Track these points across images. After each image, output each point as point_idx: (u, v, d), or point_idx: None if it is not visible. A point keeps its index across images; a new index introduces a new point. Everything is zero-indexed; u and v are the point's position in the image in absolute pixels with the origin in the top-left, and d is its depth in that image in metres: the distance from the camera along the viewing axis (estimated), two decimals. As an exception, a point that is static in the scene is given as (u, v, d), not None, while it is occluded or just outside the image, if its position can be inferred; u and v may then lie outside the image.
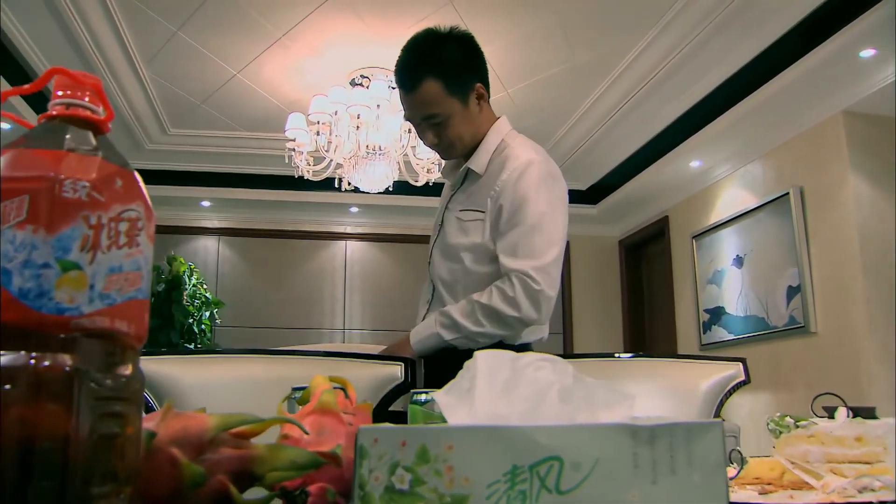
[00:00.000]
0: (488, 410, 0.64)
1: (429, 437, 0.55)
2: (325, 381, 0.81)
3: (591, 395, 0.67)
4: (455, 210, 1.84)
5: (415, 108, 1.75)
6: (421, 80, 1.71)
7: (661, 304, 6.05)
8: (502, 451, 0.54)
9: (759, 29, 3.85)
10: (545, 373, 0.66)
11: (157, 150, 5.64)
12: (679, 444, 0.54)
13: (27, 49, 4.00)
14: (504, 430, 0.55)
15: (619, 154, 5.64)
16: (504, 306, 1.67)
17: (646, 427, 0.54)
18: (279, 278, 6.53)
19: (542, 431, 0.55)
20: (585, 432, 0.55)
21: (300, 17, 4.01)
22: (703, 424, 0.55)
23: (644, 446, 0.54)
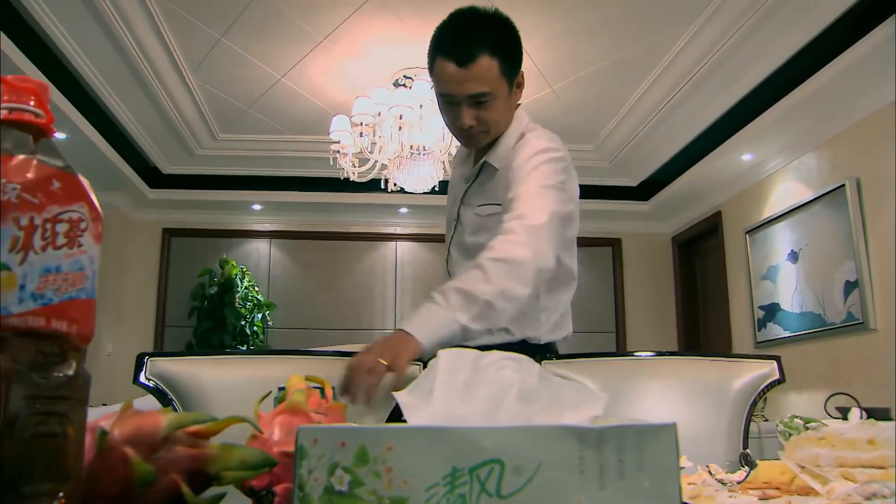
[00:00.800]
0: (446, 411, 0.62)
1: (368, 437, 0.54)
2: (300, 381, 0.80)
3: (557, 395, 0.65)
4: (472, 205, 1.78)
5: (465, 85, 1.61)
6: (478, 55, 1.59)
7: (715, 301, 5.89)
8: (442, 453, 0.52)
9: (807, 16, 3.72)
10: (507, 372, 0.64)
11: (208, 155, 5.76)
12: (629, 448, 0.51)
13: (80, 62, 4.12)
14: (444, 431, 0.54)
15: (668, 149, 5.52)
16: (515, 250, 1.44)
17: (593, 429, 0.52)
18: (330, 280, 6.60)
19: (482, 433, 0.53)
20: (528, 434, 0.52)
21: (340, 19, 4.03)
22: (655, 427, 0.52)
23: (591, 450, 0.52)
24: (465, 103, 1.65)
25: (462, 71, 1.61)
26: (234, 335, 5.84)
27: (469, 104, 1.65)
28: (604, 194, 6.32)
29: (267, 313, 6.22)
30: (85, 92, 4.39)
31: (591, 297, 6.67)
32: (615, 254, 6.77)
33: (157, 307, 6.31)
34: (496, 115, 1.68)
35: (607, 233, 6.73)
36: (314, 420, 0.74)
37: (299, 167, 5.95)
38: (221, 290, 5.91)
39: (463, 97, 1.64)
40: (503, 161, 1.74)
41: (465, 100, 1.64)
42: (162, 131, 5.25)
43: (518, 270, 1.44)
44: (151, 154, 5.58)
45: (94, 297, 0.58)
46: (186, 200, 6.18)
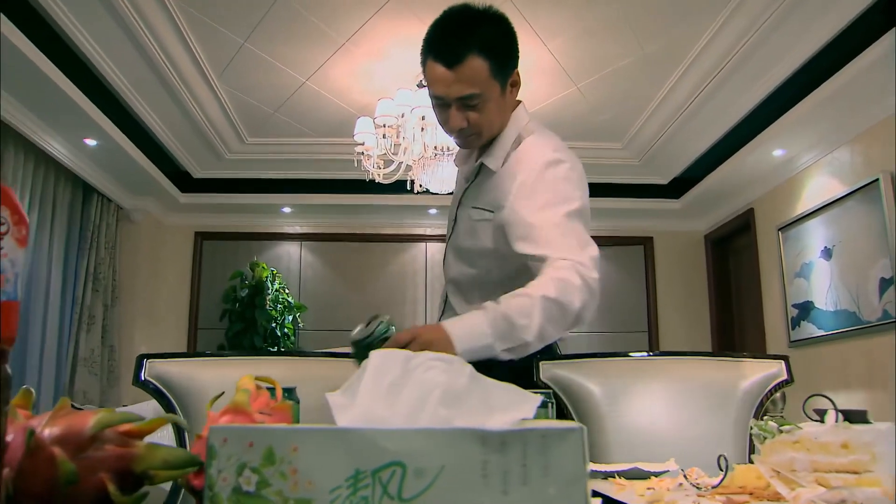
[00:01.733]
0: (368, 412, 0.61)
1: (275, 438, 0.53)
2: (249, 381, 0.80)
3: (488, 396, 0.63)
4: (468, 206, 1.74)
5: (453, 86, 1.57)
6: (466, 56, 1.55)
7: (749, 300, 5.77)
8: (346, 455, 0.51)
9: (836, 5, 3.61)
10: (433, 373, 0.62)
11: (237, 159, 5.83)
12: (533, 453, 0.50)
13: (108, 70, 4.19)
14: (348, 432, 0.53)
15: (698, 145, 5.42)
16: (570, 297, 1.41)
17: (495, 433, 0.50)
18: (361, 281, 6.62)
19: (385, 435, 0.51)
20: (430, 437, 0.51)
21: (360, 22, 4.05)
22: (561, 431, 0.50)
23: (494, 454, 0.50)
24: (454, 105, 1.60)
25: (450, 72, 1.57)
26: (264, 337, 5.90)
27: (458, 106, 1.60)
28: (634, 192, 6.24)
29: (298, 315, 6.27)
30: (114, 99, 4.48)
31: (623, 297, 6.60)
32: (647, 252, 6.67)
33: (190, 310, 6.40)
34: (487, 117, 1.63)
35: (639, 231, 6.64)
36: (257, 420, 0.74)
37: (328, 169, 5.99)
38: (252, 292, 5.97)
39: (452, 99, 1.59)
40: (499, 162, 1.70)
41: (455, 102, 1.59)
42: (191, 136, 5.33)
43: (565, 319, 1.42)
44: (182, 159, 5.67)
45: (16, 298, 0.58)
46: (217, 204, 6.26)
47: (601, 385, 1.58)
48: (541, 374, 1.56)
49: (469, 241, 1.70)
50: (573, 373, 1.58)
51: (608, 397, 1.56)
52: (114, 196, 5.59)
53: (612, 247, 6.71)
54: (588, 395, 1.56)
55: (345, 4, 3.88)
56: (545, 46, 4.29)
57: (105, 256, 5.50)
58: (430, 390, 0.61)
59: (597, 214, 6.43)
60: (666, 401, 1.59)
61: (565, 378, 1.57)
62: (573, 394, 1.56)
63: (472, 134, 1.66)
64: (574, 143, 5.63)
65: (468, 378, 0.62)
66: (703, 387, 1.61)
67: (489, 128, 1.66)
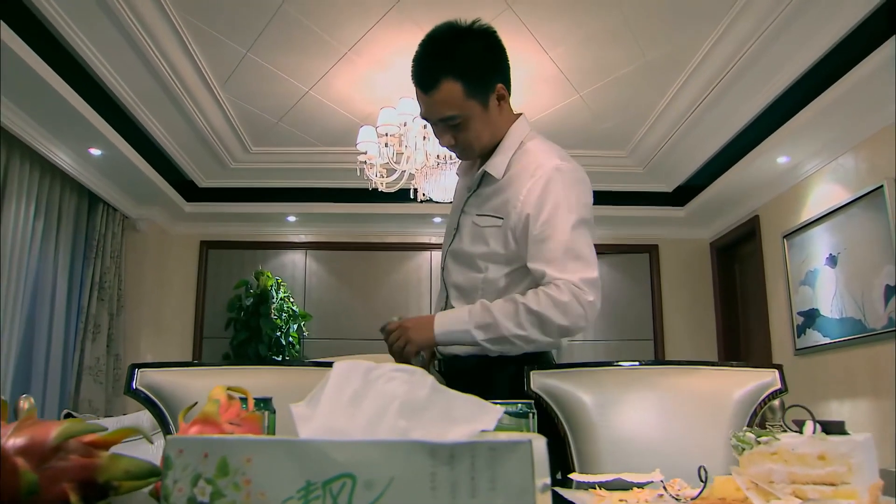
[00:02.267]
0: (327, 423, 0.61)
1: (229, 449, 0.53)
2: (221, 392, 0.80)
3: (448, 408, 0.63)
4: (471, 214, 1.77)
5: (432, 109, 1.66)
6: (439, 81, 1.62)
7: (755, 308, 5.74)
8: (297, 467, 0.52)
9: (838, 11, 3.59)
10: (394, 385, 0.62)
11: (241, 168, 5.86)
12: (482, 466, 0.49)
13: (112, 81, 4.22)
14: (300, 444, 0.53)
15: (702, 153, 5.41)
16: (554, 312, 1.55)
17: (444, 445, 0.50)
18: (366, 290, 6.63)
19: (335, 447, 0.51)
20: (380, 449, 0.51)
21: (361, 31, 4.07)
22: (509, 444, 0.50)
23: (443, 466, 0.50)
24: (439, 125, 1.68)
25: (426, 96, 1.66)
26: (269, 346, 5.91)
27: (443, 126, 1.68)
28: (639, 200, 6.23)
29: (303, 324, 6.28)
30: (119, 110, 4.50)
31: (629, 305, 6.58)
32: (652, 260, 6.65)
33: (196, 319, 6.42)
34: (473, 134, 1.68)
35: (644, 239, 6.63)
36: (225, 430, 0.74)
37: (333, 178, 6.00)
38: (257, 301, 5.98)
39: (433, 120, 1.69)
40: (501, 169, 1.73)
41: (437, 123, 1.68)
42: (196, 146, 5.36)
43: (547, 329, 1.57)
44: (187, 168, 5.69)
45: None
46: (223, 213, 6.28)
47: (593, 395, 1.57)
48: (531, 383, 1.56)
49: (476, 246, 1.73)
50: (564, 382, 1.57)
51: (599, 407, 1.55)
52: (119, 205, 5.62)
53: (618, 255, 6.69)
54: (579, 405, 1.55)
55: (346, 14, 3.90)
56: (547, 55, 4.29)
57: (111, 265, 5.53)
58: (389, 402, 0.61)
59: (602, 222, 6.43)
60: (658, 411, 1.58)
61: (556, 388, 1.56)
62: (564, 403, 1.55)
63: (463, 149, 1.74)
64: (578, 151, 5.69)
65: (429, 390, 0.62)
66: (695, 396, 1.60)
67: (478, 142, 1.72)
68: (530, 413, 1.02)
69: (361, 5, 3.83)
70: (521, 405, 1.02)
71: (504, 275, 1.70)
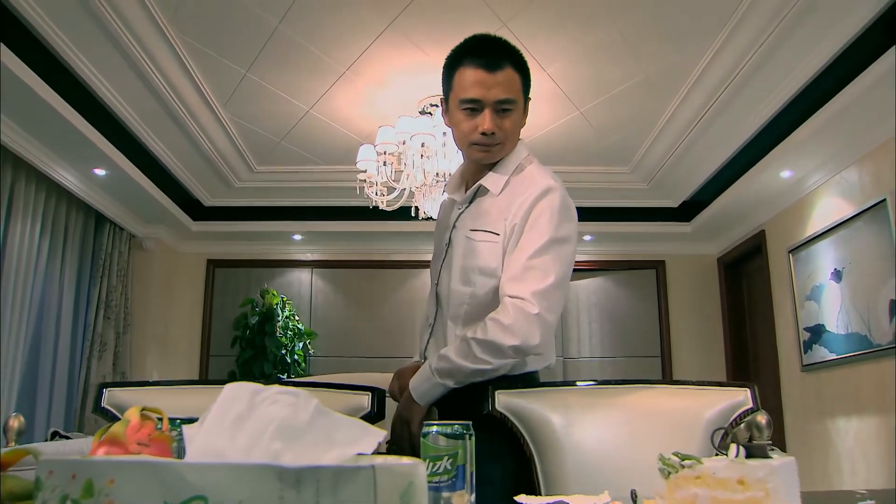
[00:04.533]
0: (208, 444, 0.61)
1: (95, 471, 0.53)
2: (135, 412, 0.80)
3: (330, 431, 0.62)
4: (464, 229, 1.78)
5: (493, 89, 1.66)
6: (506, 65, 1.69)
7: (763, 323, 5.68)
8: (156, 488, 0.51)
9: (839, 22, 3.55)
10: (276, 407, 0.62)
11: (246, 187, 5.90)
12: (326, 490, 0.49)
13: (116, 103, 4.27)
14: (158, 465, 0.53)
15: (706, 168, 5.38)
16: (501, 336, 1.58)
17: (291, 469, 0.49)
18: (372, 308, 6.63)
19: (190, 469, 0.51)
20: (230, 472, 0.50)
21: (359, 51, 4.09)
22: (352, 469, 0.49)
23: (290, 489, 0.49)
24: (489, 108, 1.68)
25: (491, 76, 1.67)
26: (274, 364, 5.92)
27: (493, 110, 1.69)
28: (645, 216, 6.20)
29: (308, 342, 6.29)
30: (123, 130, 4.56)
31: (636, 322, 6.53)
32: (659, 276, 6.60)
33: (202, 337, 6.45)
34: (513, 128, 1.73)
35: (651, 255, 6.59)
36: (131, 451, 0.74)
37: (337, 197, 6.03)
38: (262, 319, 6.01)
39: (490, 102, 1.68)
40: (500, 187, 1.76)
41: (492, 104, 1.68)
42: (200, 165, 5.41)
43: (503, 353, 1.59)
44: (192, 188, 5.75)
45: None
46: (229, 232, 6.32)
47: (559, 414, 1.55)
48: (496, 403, 1.54)
49: (468, 260, 1.74)
50: (531, 402, 1.56)
51: (566, 427, 1.54)
52: (126, 224, 5.68)
53: (624, 271, 6.66)
54: (546, 425, 1.54)
55: (342, 34, 3.93)
56: (544, 71, 4.30)
57: (117, 284, 5.58)
58: (268, 424, 0.60)
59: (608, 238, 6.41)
60: (627, 430, 1.56)
61: (522, 408, 1.55)
62: (530, 424, 1.54)
63: (497, 143, 1.73)
64: (581, 167, 5.69)
65: (311, 412, 0.62)
66: (665, 416, 1.58)
67: (512, 140, 1.76)
68: (466, 434, 1.01)
69: (357, 25, 3.86)
70: (457, 426, 1.01)
71: (491, 288, 1.71)
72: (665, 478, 0.87)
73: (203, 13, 3.68)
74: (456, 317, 1.74)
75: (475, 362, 1.59)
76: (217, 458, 0.58)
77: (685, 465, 0.84)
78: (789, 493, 0.77)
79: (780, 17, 3.59)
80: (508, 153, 1.77)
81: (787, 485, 0.78)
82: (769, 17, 3.63)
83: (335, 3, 3.66)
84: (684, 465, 0.84)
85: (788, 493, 0.77)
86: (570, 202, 1.75)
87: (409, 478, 0.53)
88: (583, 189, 5.95)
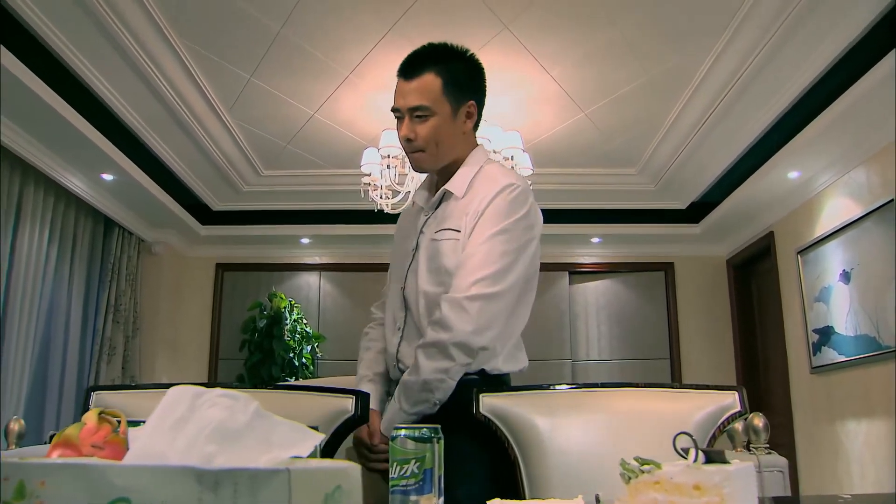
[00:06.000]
0: (147, 447, 0.61)
1: (26, 473, 0.54)
2: (93, 415, 0.80)
3: (269, 434, 0.63)
4: (430, 233, 1.79)
5: (407, 96, 1.72)
6: (422, 71, 1.71)
7: (772, 325, 5.63)
8: (84, 490, 0.52)
9: (841, 22, 3.53)
10: (215, 410, 0.62)
11: (254, 191, 5.93)
12: (243, 492, 0.49)
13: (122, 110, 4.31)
14: (87, 468, 0.53)
15: (713, 169, 5.35)
16: (436, 334, 1.61)
17: (210, 471, 0.50)
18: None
19: (115, 471, 0.52)
20: (152, 474, 0.51)
21: (362, 54, 4.10)
22: (267, 472, 0.50)
23: (209, 492, 0.50)
24: (406, 116, 1.72)
25: (406, 84, 1.73)
26: (282, 367, 5.94)
27: (409, 117, 1.72)
28: (653, 218, 6.17)
29: (317, 345, 6.30)
30: (129, 136, 4.60)
31: (644, 324, 6.50)
32: (668, 278, 6.57)
33: (211, 340, 6.49)
34: (434, 133, 1.72)
35: (659, 257, 6.55)
36: (84, 453, 0.74)
37: (344, 200, 6.02)
38: (270, 323, 6.03)
39: (405, 109, 1.72)
40: (462, 189, 1.78)
41: (407, 112, 1.72)
42: (207, 170, 5.44)
43: (446, 351, 1.60)
44: (200, 192, 5.78)
45: None
46: (237, 236, 6.36)
47: (544, 417, 1.54)
48: (480, 406, 1.54)
49: (434, 261, 1.75)
50: (515, 405, 1.55)
51: (551, 430, 1.53)
52: (135, 229, 5.72)
53: (633, 273, 6.63)
54: (530, 428, 1.53)
55: (344, 38, 3.94)
56: (548, 74, 4.29)
57: (126, 288, 5.62)
58: (204, 427, 0.61)
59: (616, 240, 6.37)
60: (612, 433, 1.55)
61: (506, 410, 1.54)
62: (514, 427, 1.53)
63: (417, 149, 1.76)
64: (588, 169, 5.68)
65: (250, 416, 0.62)
66: (652, 419, 1.57)
67: (435, 144, 1.75)
68: (434, 438, 1.01)
69: (359, 29, 3.87)
70: (425, 430, 1.01)
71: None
72: (626, 482, 0.87)
73: (204, 18, 3.71)
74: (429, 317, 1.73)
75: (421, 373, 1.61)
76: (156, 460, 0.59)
77: (644, 469, 0.83)
78: (746, 498, 0.76)
79: (784, 16, 3.56)
80: (446, 158, 1.79)
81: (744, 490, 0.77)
82: (772, 17, 3.60)
83: (336, 7, 3.67)
84: (644, 470, 0.83)
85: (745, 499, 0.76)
86: (528, 199, 1.75)
87: (336, 481, 0.53)
88: (590, 191, 5.94)
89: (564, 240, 6.32)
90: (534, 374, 5.70)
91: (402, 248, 1.90)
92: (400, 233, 1.99)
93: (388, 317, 1.88)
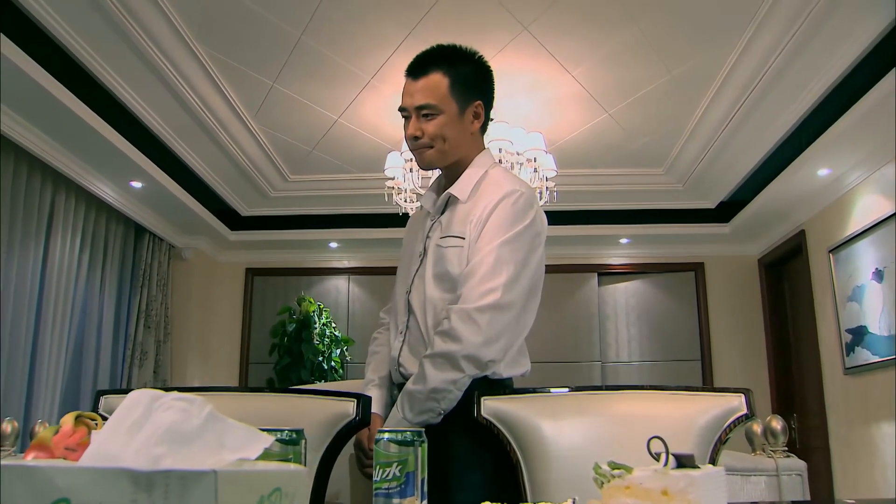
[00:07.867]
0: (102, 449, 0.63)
1: (-29, 475, 0.55)
2: (69, 418, 0.82)
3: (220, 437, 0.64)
4: (435, 238, 1.80)
5: (414, 95, 1.74)
6: (429, 70, 1.74)
7: (805, 325, 5.52)
8: (29, 491, 0.54)
9: (869, 13, 3.44)
10: (169, 413, 0.63)
11: (281, 196, 6.00)
12: (174, 494, 0.50)
13: (150, 119, 4.41)
14: (32, 469, 0.55)
15: (741, 167, 5.27)
16: (445, 345, 1.61)
17: (143, 473, 0.51)
18: (409, 313, 6.64)
19: (57, 472, 0.53)
20: (90, 475, 0.52)
21: (382, 59, 4.13)
22: (196, 473, 0.51)
23: (143, 493, 0.51)
24: (413, 115, 1.75)
25: (413, 83, 1.75)
26: (311, 371, 5.99)
27: (417, 115, 1.74)
28: (681, 218, 6.10)
29: (346, 349, 6.35)
30: (159, 144, 4.69)
31: (675, 325, 6.42)
32: (698, 279, 6.48)
33: (242, 344, 6.57)
34: (440, 131, 1.74)
35: (689, 257, 6.47)
36: (57, 456, 0.76)
37: (371, 204, 6.03)
38: (299, 326, 6.08)
39: (412, 108, 1.75)
40: (466, 193, 1.79)
41: (414, 110, 1.75)
42: (235, 176, 5.52)
43: (455, 362, 1.60)
44: (228, 198, 5.86)
45: None
46: (267, 241, 6.43)
47: (547, 421, 1.53)
48: (482, 409, 1.54)
49: (439, 267, 1.76)
50: (518, 408, 1.55)
51: (554, 433, 1.52)
52: (165, 235, 5.83)
53: (663, 274, 6.55)
54: (533, 432, 1.52)
55: (364, 43, 3.97)
56: (570, 74, 4.27)
57: (157, 294, 5.72)
58: (157, 430, 0.62)
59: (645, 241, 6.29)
60: (616, 436, 1.53)
61: (509, 413, 1.54)
62: (517, 430, 1.53)
63: (424, 146, 1.77)
64: (614, 169, 5.64)
65: (203, 419, 0.63)
66: (657, 422, 1.54)
67: (441, 141, 1.76)
68: (417, 441, 1.02)
69: (378, 34, 3.89)
70: (408, 433, 1.02)
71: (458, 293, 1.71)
72: (599, 487, 0.86)
73: (226, 27, 3.77)
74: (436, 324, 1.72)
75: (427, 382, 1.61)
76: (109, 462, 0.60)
77: (615, 474, 0.83)
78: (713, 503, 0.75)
79: (808, 10, 3.50)
80: (452, 156, 1.79)
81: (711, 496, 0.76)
82: (796, 11, 3.54)
83: (355, 13, 3.70)
84: (615, 475, 0.83)
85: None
86: (533, 205, 1.75)
87: (275, 483, 0.54)
88: (617, 191, 5.90)
89: (593, 241, 6.28)
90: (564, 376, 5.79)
91: (409, 251, 1.91)
92: (408, 236, 2.00)
93: (393, 320, 1.89)
